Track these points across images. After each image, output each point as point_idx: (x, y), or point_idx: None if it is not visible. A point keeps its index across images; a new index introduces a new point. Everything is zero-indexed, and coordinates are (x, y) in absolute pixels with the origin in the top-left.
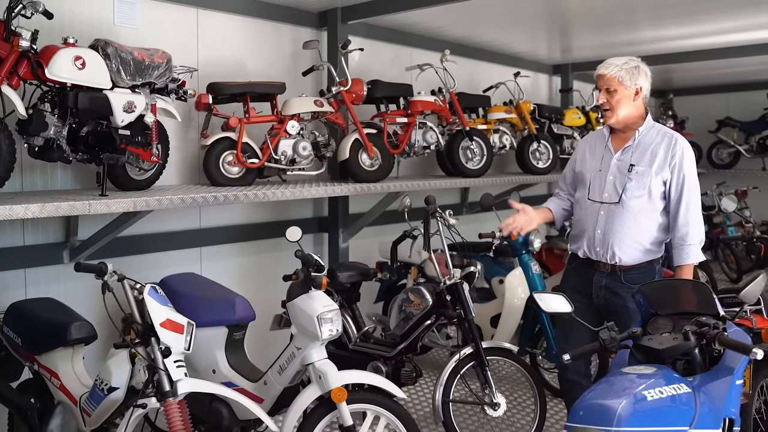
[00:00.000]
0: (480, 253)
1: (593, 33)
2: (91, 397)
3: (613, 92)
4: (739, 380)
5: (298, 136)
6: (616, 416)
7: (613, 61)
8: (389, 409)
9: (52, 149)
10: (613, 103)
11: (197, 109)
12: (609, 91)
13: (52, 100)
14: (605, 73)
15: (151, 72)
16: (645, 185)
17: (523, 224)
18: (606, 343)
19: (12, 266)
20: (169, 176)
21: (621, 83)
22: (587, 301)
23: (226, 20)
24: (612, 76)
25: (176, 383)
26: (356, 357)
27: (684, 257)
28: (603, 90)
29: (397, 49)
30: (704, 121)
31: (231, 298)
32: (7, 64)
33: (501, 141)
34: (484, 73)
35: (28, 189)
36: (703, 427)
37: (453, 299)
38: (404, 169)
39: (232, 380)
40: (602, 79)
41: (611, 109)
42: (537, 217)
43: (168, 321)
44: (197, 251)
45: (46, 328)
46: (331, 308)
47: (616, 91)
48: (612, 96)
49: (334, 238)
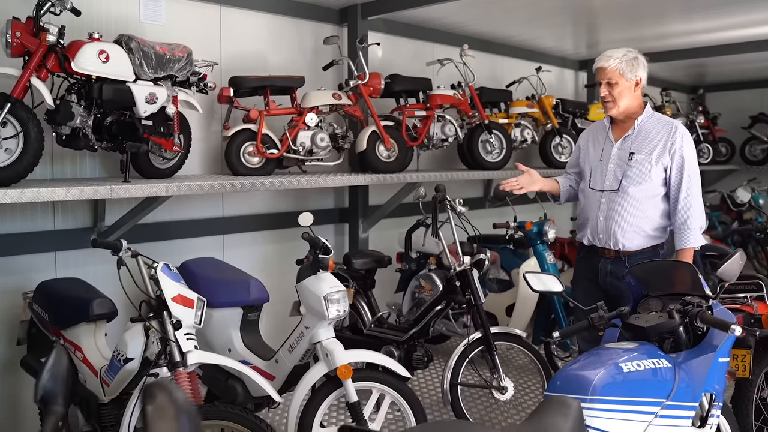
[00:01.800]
0: (500, 245)
1: (620, 27)
2: (110, 368)
3: (614, 84)
4: (722, 358)
5: (316, 127)
6: (591, 386)
7: (613, 54)
8: (394, 388)
9: (78, 138)
10: (615, 94)
11: (219, 102)
12: (610, 83)
13: (78, 92)
14: (606, 66)
15: (172, 65)
16: (645, 172)
17: (526, 183)
18: (594, 321)
19: (43, 249)
20: (192, 166)
21: (622, 75)
22: (597, 287)
23: (249, 17)
24: (613, 69)
25: (186, 354)
26: (370, 341)
27: (684, 241)
28: (604, 83)
29: (418, 45)
30: (737, 117)
31: (246, 280)
32: (36, 57)
33: (522, 135)
34: (508, 69)
35: (58, 176)
36: (680, 400)
37: (463, 285)
38: (425, 162)
39: (246, 359)
40: (603, 72)
41: (613, 100)
42: (541, 181)
43: (179, 296)
44: (220, 239)
45: (71, 305)
46: (338, 289)
47: (618, 83)
48: (613, 88)
49: (354, 228)
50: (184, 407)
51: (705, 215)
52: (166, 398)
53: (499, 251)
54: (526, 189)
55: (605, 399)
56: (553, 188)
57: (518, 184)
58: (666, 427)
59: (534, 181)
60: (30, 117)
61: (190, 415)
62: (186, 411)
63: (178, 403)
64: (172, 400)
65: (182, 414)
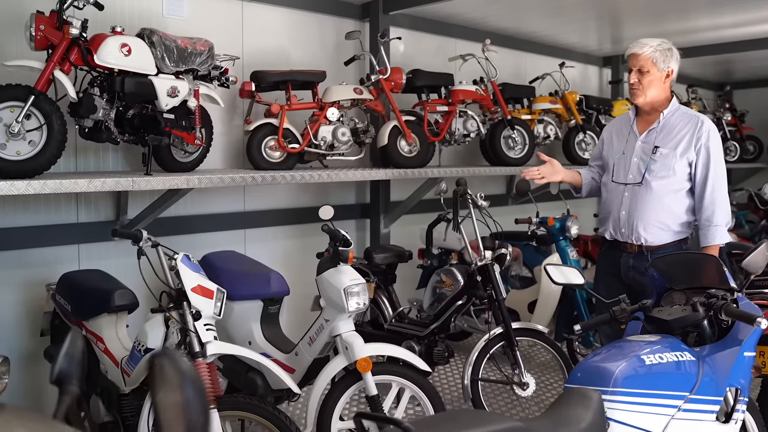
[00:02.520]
0: (523, 242)
1: (644, 22)
2: (131, 359)
3: (645, 73)
4: (748, 352)
5: (337, 122)
6: (612, 378)
7: (648, 42)
8: (414, 382)
9: (101, 130)
10: (644, 83)
11: (241, 96)
12: (641, 71)
13: (101, 85)
14: (639, 52)
15: (194, 59)
16: (669, 167)
17: (547, 173)
18: (616, 314)
19: (67, 241)
20: (215, 160)
21: (654, 64)
22: (619, 282)
23: (271, 12)
24: (647, 56)
25: (205, 345)
26: (391, 336)
27: (710, 238)
28: (635, 70)
29: (440, 40)
30: (765, 114)
31: (266, 273)
32: (59, 50)
33: (545, 131)
34: (531, 64)
35: (82, 169)
36: (704, 394)
37: (484, 280)
38: (448, 157)
39: (266, 351)
40: (635, 59)
41: (641, 89)
42: (563, 172)
43: (199, 286)
44: (242, 233)
45: (92, 296)
46: (357, 282)
47: (649, 72)
48: (644, 76)
49: (376, 223)
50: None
51: (731, 213)
52: (171, 367)
53: (522, 248)
54: (547, 179)
55: (627, 391)
56: (574, 180)
57: (539, 173)
58: (689, 421)
59: (556, 171)
60: (53, 109)
61: (195, 383)
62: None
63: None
64: (176, 368)
65: (187, 382)
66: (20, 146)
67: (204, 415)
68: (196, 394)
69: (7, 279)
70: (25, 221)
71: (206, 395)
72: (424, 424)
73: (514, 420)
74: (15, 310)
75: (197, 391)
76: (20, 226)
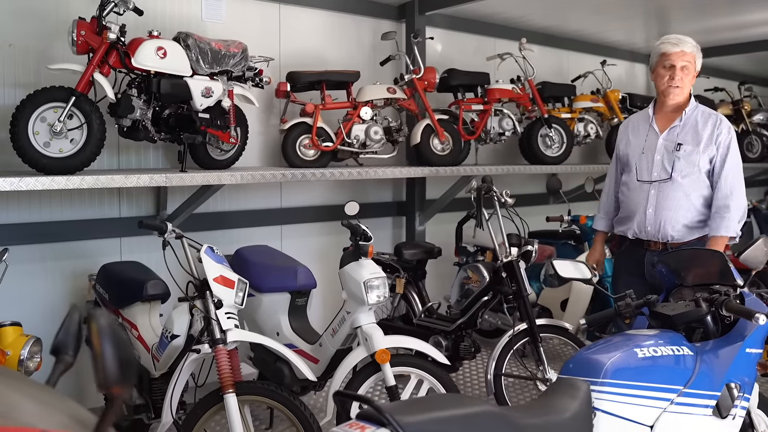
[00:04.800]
0: (561, 241)
1: (693, 18)
2: (160, 345)
3: (687, 71)
4: (751, 348)
5: (371, 121)
6: (603, 370)
7: (686, 39)
8: (433, 374)
9: (138, 129)
10: (686, 81)
11: (277, 96)
12: (686, 68)
13: (138, 86)
14: (686, 50)
15: (228, 61)
16: (694, 163)
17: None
18: (620, 308)
19: (110, 235)
20: (252, 158)
21: (695, 62)
22: (642, 281)
23: (308, 14)
24: (692, 54)
25: (226, 332)
26: (420, 331)
27: (721, 228)
28: (677, 67)
29: (479, 40)
30: None
31: (294, 267)
32: (99, 54)
33: (586, 130)
34: (574, 63)
35: (124, 166)
36: (699, 388)
37: (510, 277)
38: (486, 156)
39: (293, 342)
40: (680, 56)
41: (683, 86)
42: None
43: (221, 277)
44: (278, 228)
45: (127, 286)
46: (377, 275)
47: (690, 70)
48: (686, 74)
49: (411, 221)
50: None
51: (747, 211)
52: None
53: (560, 246)
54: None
55: (616, 383)
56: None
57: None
58: (683, 414)
59: (599, 251)
60: (93, 109)
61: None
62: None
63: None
64: (97, 323)
65: (104, 335)
66: (63, 144)
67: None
68: (112, 347)
69: (54, 269)
70: (71, 215)
71: (125, 349)
72: (398, 406)
73: (489, 404)
74: (62, 299)
75: (113, 344)
76: (67, 219)
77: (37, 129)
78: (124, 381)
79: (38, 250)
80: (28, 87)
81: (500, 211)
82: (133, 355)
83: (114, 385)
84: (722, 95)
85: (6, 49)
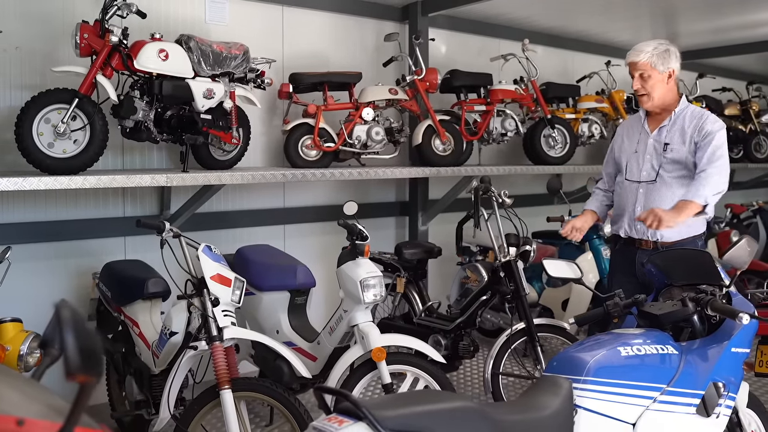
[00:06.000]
0: (564, 242)
1: (700, 17)
2: (159, 342)
3: (647, 78)
4: (737, 348)
5: (372, 122)
6: (586, 368)
7: (643, 47)
8: (428, 372)
9: (141, 130)
10: (648, 88)
11: (280, 97)
12: (643, 76)
13: (140, 88)
14: (637, 60)
15: (229, 62)
16: (681, 162)
17: (579, 225)
18: (609, 308)
19: (114, 234)
20: (255, 159)
21: (654, 68)
22: (634, 281)
23: (311, 16)
24: (645, 63)
25: (223, 330)
26: (420, 330)
27: (695, 192)
28: (637, 76)
29: (484, 41)
30: None
31: (293, 266)
32: (101, 56)
33: (590, 130)
34: (580, 63)
35: (128, 167)
36: (683, 387)
37: (508, 276)
38: (489, 156)
39: (292, 340)
40: (635, 66)
41: (647, 93)
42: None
43: (218, 275)
44: (281, 228)
45: (129, 284)
46: (374, 274)
47: (650, 76)
48: (646, 81)
49: (414, 221)
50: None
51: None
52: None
53: (563, 247)
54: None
55: (598, 381)
56: (594, 218)
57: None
58: (666, 413)
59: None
60: (95, 111)
61: (72, 326)
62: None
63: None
64: (59, 314)
65: (66, 325)
66: (66, 145)
67: (82, 355)
68: (73, 336)
69: (59, 267)
70: (76, 215)
71: (88, 339)
72: (376, 401)
73: (468, 400)
74: (67, 297)
75: (75, 334)
76: (72, 219)
77: (41, 130)
78: (88, 369)
79: (43, 248)
80: (34, 89)
81: (498, 211)
82: (98, 346)
83: (78, 373)
84: (730, 95)
85: (13, 52)
